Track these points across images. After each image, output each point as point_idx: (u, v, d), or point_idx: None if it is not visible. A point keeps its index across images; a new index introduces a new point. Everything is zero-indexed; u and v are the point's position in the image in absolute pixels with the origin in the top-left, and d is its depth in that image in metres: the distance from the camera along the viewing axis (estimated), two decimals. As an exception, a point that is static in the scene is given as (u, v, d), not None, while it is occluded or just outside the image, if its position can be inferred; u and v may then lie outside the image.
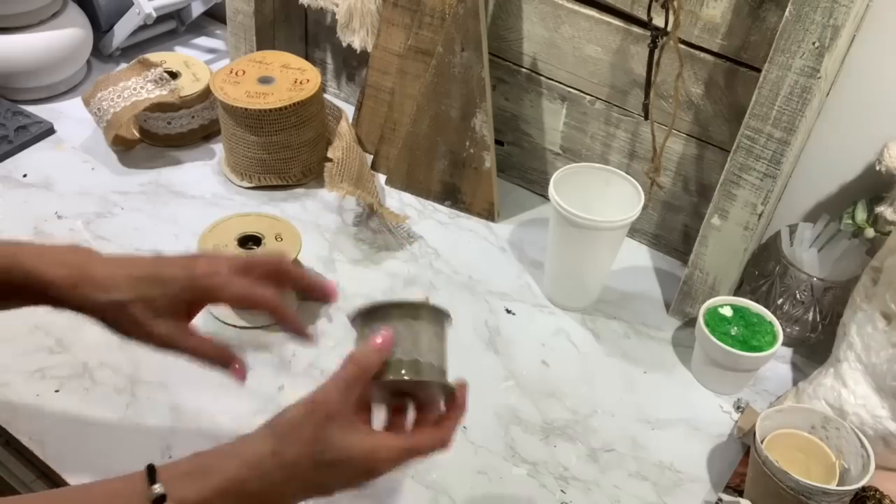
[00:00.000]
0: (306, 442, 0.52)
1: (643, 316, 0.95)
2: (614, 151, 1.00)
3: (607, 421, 0.83)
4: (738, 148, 0.80)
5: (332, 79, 1.23)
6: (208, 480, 0.51)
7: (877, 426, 0.76)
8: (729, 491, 0.77)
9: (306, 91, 1.01)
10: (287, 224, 0.91)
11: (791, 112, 0.76)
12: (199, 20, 1.33)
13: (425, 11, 0.98)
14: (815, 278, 0.87)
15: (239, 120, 1.00)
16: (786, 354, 0.91)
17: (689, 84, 0.90)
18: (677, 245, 1.02)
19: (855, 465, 0.71)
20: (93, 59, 1.23)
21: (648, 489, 0.77)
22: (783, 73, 0.74)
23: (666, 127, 0.90)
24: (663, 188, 0.98)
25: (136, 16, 1.18)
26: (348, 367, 0.53)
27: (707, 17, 0.86)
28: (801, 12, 0.71)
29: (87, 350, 0.83)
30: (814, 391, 0.80)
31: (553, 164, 1.06)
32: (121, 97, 1.04)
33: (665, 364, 0.89)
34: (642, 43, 0.90)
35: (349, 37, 1.09)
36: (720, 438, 0.82)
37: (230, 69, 1.04)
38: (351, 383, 0.53)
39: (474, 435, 0.79)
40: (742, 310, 0.85)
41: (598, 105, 0.98)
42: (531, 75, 1.02)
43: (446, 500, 0.74)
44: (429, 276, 0.95)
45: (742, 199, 0.83)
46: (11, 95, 1.14)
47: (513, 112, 1.06)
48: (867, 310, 0.78)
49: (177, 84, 1.07)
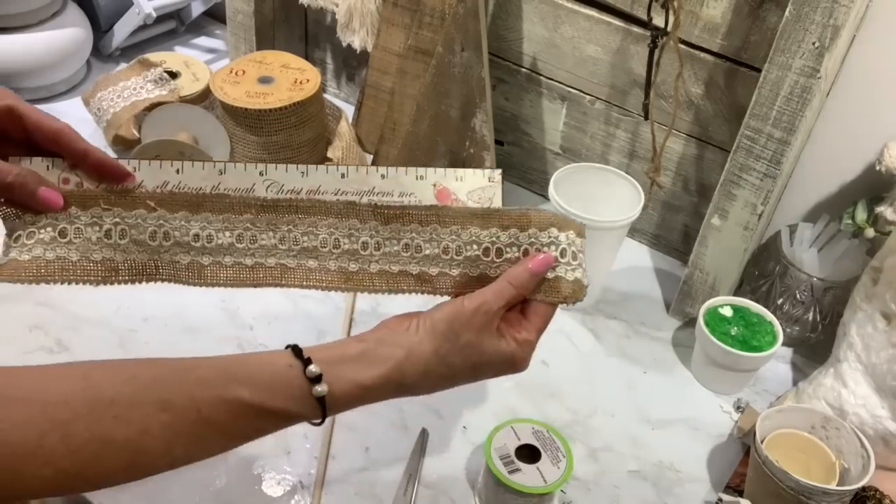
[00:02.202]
0: (464, 346, 0.56)
1: (643, 316, 0.95)
2: (614, 151, 1.01)
3: (607, 421, 0.83)
4: (738, 148, 0.80)
5: (331, 79, 1.23)
6: (373, 369, 0.54)
7: (877, 426, 0.76)
8: (729, 491, 0.76)
9: (306, 91, 1.01)
10: None
11: (791, 112, 0.76)
12: (198, 20, 1.33)
13: (425, 11, 0.98)
14: (815, 278, 0.87)
15: (239, 120, 1.00)
16: (786, 354, 0.91)
17: (689, 84, 0.90)
18: (677, 245, 1.02)
19: (855, 465, 0.71)
20: (93, 59, 1.23)
21: (648, 489, 0.77)
22: (783, 73, 0.74)
23: (666, 127, 0.90)
24: (663, 188, 0.98)
25: (136, 16, 1.18)
26: (508, 289, 0.57)
27: (707, 17, 0.86)
28: (801, 12, 0.71)
29: (87, 350, 0.83)
30: (814, 391, 0.80)
31: (553, 164, 1.06)
32: (121, 97, 1.04)
33: (665, 364, 0.90)
34: (642, 43, 0.90)
35: (349, 37, 1.09)
36: (720, 438, 0.82)
37: (230, 69, 1.04)
38: (506, 303, 0.57)
39: (474, 435, 0.79)
40: (742, 310, 0.85)
41: (598, 105, 0.98)
42: (531, 75, 1.02)
43: (446, 500, 0.74)
44: (429, 276, 0.96)
45: (742, 199, 0.83)
46: (11, 95, 1.14)
47: (513, 112, 1.06)
48: (867, 310, 0.78)
49: (177, 84, 1.07)
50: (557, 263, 0.59)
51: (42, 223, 0.56)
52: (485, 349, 0.57)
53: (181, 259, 0.59)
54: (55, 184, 0.57)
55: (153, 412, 0.48)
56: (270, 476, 0.74)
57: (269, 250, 0.59)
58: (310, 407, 0.53)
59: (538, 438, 0.71)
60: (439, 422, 0.80)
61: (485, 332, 0.56)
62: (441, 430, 0.79)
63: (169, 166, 0.58)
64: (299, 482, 0.73)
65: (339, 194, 0.59)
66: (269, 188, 0.59)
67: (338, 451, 0.76)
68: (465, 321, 0.56)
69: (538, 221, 0.59)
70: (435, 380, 0.57)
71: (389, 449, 0.77)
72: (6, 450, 0.45)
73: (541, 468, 0.69)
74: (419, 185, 0.60)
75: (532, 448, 0.70)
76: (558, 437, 0.71)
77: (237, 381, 0.51)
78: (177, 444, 0.49)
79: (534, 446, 0.70)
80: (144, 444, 0.48)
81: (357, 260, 0.60)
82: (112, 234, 0.58)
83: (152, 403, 0.49)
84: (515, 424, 0.72)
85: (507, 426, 0.72)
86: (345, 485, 0.74)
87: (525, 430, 0.72)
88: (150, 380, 0.50)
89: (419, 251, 0.59)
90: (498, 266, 0.59)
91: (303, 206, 0.59)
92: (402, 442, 0.77)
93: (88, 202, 0.57)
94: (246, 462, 0.75)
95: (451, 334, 0.56)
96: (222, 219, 0.59)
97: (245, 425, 0.52)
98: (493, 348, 0.57)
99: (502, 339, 0.58)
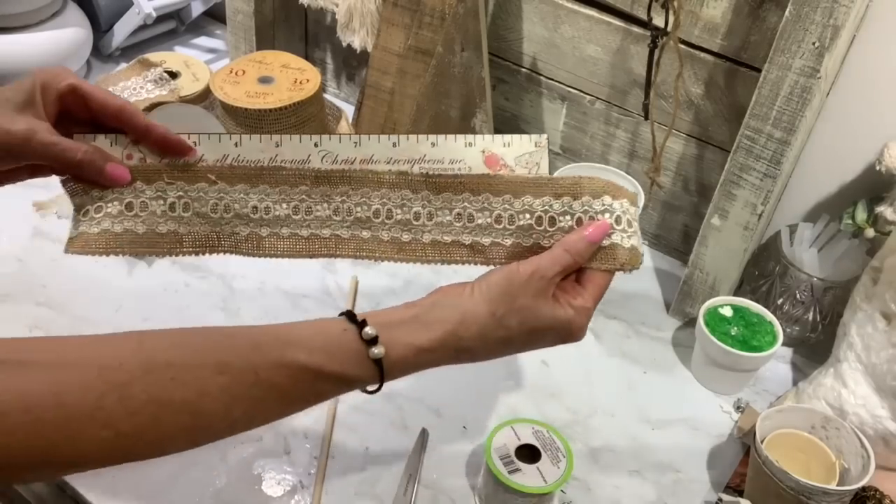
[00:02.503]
0: (520, 310, 0.55)
1: (643, 316, 0.95)
2: (614, 151, 1.01)
3: (607, 421, 0.83)
4: (738, 148, 0.80)
5: (331, 79, 1.23)
6: (429, 332, 0.54)
7: (877, 426, 0.76)
8: (729, 491, 0.76)
9: (306, 91, 1.01)
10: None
11: (791, 112, 0.76)
12: (198, 20, 1.33)
13: (425, 11, 0.98)
14: (815, 278, 0.87)
15: (239, 120, 1.00)
16: (786, 354, 0.91)
17: (689, 84, 0.90)
18: (677, 245, 1.02)
19: (855, 465, 0.71)
20: (93, 59, 1.23)
21: (648, 489, 0.77)
22: (783, 73, 0.74)
23: (666, 127, 0.90)
24: (663, 188, 0.98)
25: (136, 16, 1.18)
26: (564, 256, 0.57)
27: (707, 17, 0.86)
28: (801, 12, 0.71)
29: (86, 350, 0.83)
30: (814, 391, 0.80)
31: (553, 164, 1.06)
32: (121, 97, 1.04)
33: (665, 364, 0.89)
34: (642, 43, 0.90)
35: (349, 37, 1.09)
36: (720, 438, 0.82)
37: (230, 69, 1.04)
38: (562, 270, 0.56)
39: (474, 435, 0.79)
40: (742, 310, 0.85)
41: (598, 105, 0.98)
42: (531, 75, 1.02)
43: (446, 499, 0.74)
44: (429, 276, 0.95)
45: (742, 199, 0.83)
46: (11, 95, 1.14)
47: (513, 112, 1.06)
48: (867, 310, 0.78)
49: (177, 84, 1.07)
50: (613, 231, 0.58)
51: (109, 198, 0.58)
52: (541, 314, 0.56)
53: (241, 231, 0.60)
54: (119, 159, 0.58)
55: (210, 374, 0.48)
56: (270, 476, 0.74)
57: (324, 221, 0.60)
58: (367, 370, 0.52)
59: (538, 438, 0.71)
60: (439, 422, 0.80)
61: (540, 297, 0.56)
62: (441, 430, 0.79)
63: (228, 139, 0.59)
64: (299, 482, 0.73)
65: (391, 163, 0.60)
66: (323, 159, 0.60)
67: (338, 451, 0.76)
68: (521, 284, 0.55)
69: (591, 189, 0.59)
70: (493, 344, 0.56)
71: (389, 449, 0.77)
72: (64, 412, 0.44)
73: (541, 468, 0.69)
74: (468, 152, 0.61)
75: (532, 448, 0.70)
76: (558, 437, 0.71)
77: (293, 345, 0.51)
78: (236, 406, 0.49)
79: (534, 446, 0.70)
80: (203, 406, 0.48)
81: (410, 230, 0.60)
82: (176, 206, 0.59)
83: (209, 366, 0.48)
84: (515, 424, 0.72)
85: (507, 426, 0.72)
86: (345, 485, 0.74)
87: (525, 430, 0.72)
88: (205, 344, 0.50)
89: (471, 220, 0.59)
90: (551, 235, 0.59)
91: (356, 177, 0.59)
92: (402, 442, 0.77)
93: (152, 176, 0.59)
94: (246, 462, 0.75)
95: (506, 297, 0.55)
96: (279, 191, 0.59)
97: (304, 389, 0.51)
98: (549, 314, 0.56)
99: (558, 305, 0.56)
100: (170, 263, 0.92)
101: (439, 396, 0.83)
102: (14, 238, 0.95)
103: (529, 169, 0.61)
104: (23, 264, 0.91)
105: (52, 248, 0.94)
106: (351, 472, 0.75)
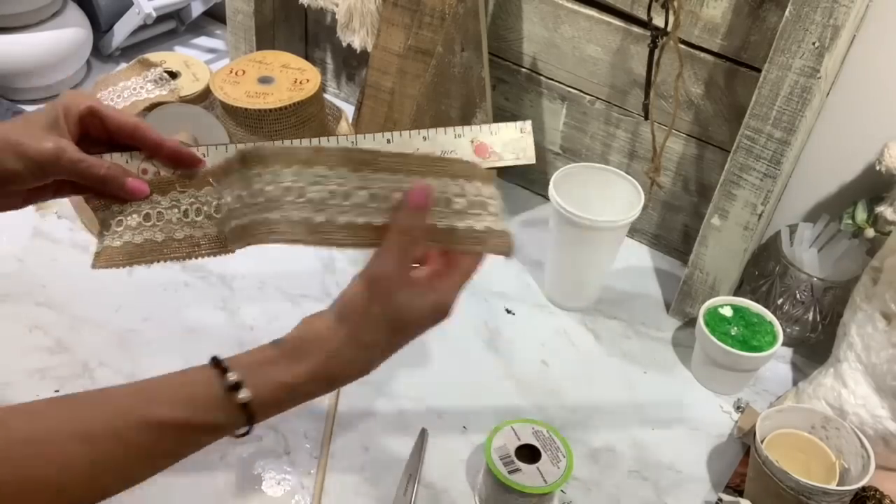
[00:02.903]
0: (377, 320, 0.54)
1: (643, 316, 0.95)
2: (614, 151, 1.01)
3: (607, 421, 0.83)
4: (738, 148, 0.80)
5: (331, 79, 1.23)
6: (297, 367, 0.53)
7: (877, 426, 0.76)
8: (729, 491, 0.76)
9: (306, 91, 1.01)
10: None
11: (791, 112, 0.76)
12: (198, 20, 1.33)
13: (425, 11, 0.98)
14: (815, 278, 0.87)
15: (239, 120, 1.00)
16: (786, 354, 0.91)
17: (689, 84, 0.90)
18: (677, 245, 1.02)
19: (855, 465, 0.71)
20: (93, 59, 1.23)
21: (648, 489, 0.77)
22: (783, 73, 0.74)
23: (666, 127, 0.90)
24: (663, 188, 0.98)
25: (136, 16, 1.18)
26: (396, 238, 0.54)
27: (707, 17, 0.86)
28: (801, 12, 0.71)
29: (87, 350, 0.83)
30: (814, 391, 0.80)
31: (553, 164, 1.06)
32: (121, 97, 1.04)
33: (665, 364, 0.89)
34: (642, 43, 0.90)
35: (349, 37, 1.09)
36: (720, 438, 0.82)
37: (230, 69, 1.04)
38: (402, 254, 0.54)
39: (474, 435, 0.79)
40: (742, 310, 0.85)
41: (598, 105, 0.98)
42: (531, 75, 1.02)
43: (446, 499, 0.74)
44: (429, 276, 0.96)
45: (742, 199, 0.83)
46: (11, 95, 1.14)
47: (513, 112, 1.06)
48: (867, 310, 0.78)
49: (177, 84, 1.07)
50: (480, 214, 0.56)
51: (129, 211, 0.61)
52: (401, 310, 0.54)
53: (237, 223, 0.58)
54: (136, 174, 0.61)
55: (73, 446, 0.48)
56: (270, 476, 0.74)
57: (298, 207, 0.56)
58: (235, 415, 0.52)
59: (538, 438, 0.71)
60: (439, 422, 0.80)
61: (392, 295, 0.54)
62: (441, 430, 0.79)
63: (234, 148, 0.60)
64: (299, 482, 0.73)
65: None
66: None
67: (338, 451, 0.76)
68: (367, 295, 0.53)
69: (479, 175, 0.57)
70: (364, 362, 0.55)
71: (389, 449, 0.77)
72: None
73: (541, 468, 0.69)
74: (459, 143, 0.62)
75: (532, 448, 0.70)
76: (558, 437, 0.71)
77: (156, 402, 0.50)
78: (103, 475, 0.49)
79: (534, 446, 0.70)
80: (68, 479, 0.47)
81: (323, 211, 0.55)
82: (189, 212, 0.61)
83: (70, 438, 0.48)
84: (515, 424, 0.72)
85: (507, 426, 0.72)
86: (345, 485, 0.74)
87: (525, 430, 0.72)
88: (66, 415, 0.49)
89: (386, 201, 0.55)
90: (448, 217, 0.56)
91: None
92: (402, 442, 0.77)
93: (167, 187, 0.61)
94: (246, 462, 0.75)
95: (359, 313, 0.54)
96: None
97: (172, 444, 0.51)
98: (408, 305, 0.54)
99: (418, 292, 0.54)
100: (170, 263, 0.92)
101: (439, 396, 0.83)
102: (14, 238, 0.94)
103: (517, 155, 0.63)
104: (23, 264, 0.91)
105: (52, 248, 0.94)
106: (351, 472, 0.75)
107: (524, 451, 0.70)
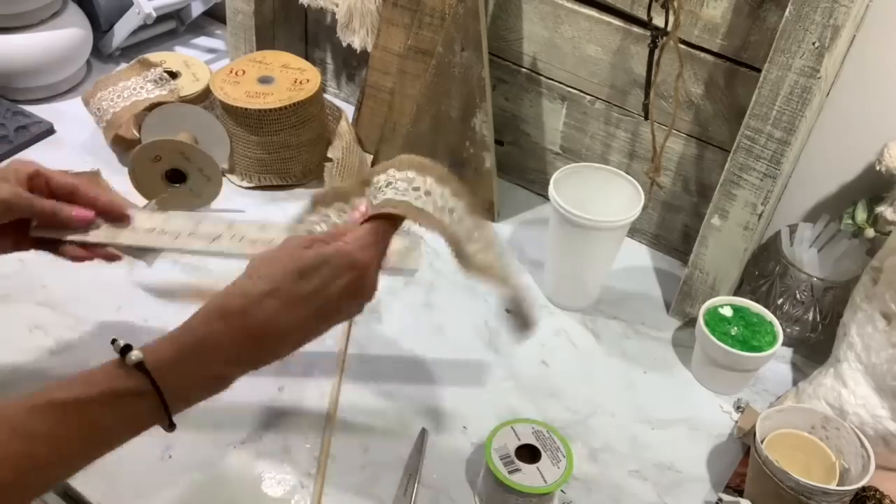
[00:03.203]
0: (273, 258, 0.57)
1: (643, 316, 0.95)
2: (614, 151, 1.01)
3: (607, 421, 0.83)
4: (738, 148, 0.80)
5: (332, 79, 1.23)
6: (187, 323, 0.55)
7: (877, 426, 0.76)
8: (729, 491, 0.77)
9: (306, 91, 1.01)
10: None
11: (791, 112, 0.76)
12: (198, 20, 1.33)
13: (425, 11, 0.98)
14: (815, 278, 0.87)
15: (239, 120, 1.00)
16: (786, 354, 0.91)
17: (689, 84, 0.90)
18: (677, 245, 1.02)
19: (855, 465, 0.71)
20: (93, 59, 1.23)
21: (648, 489, 0.77)
22: (783, 73, 0.74)
23: (666, 127, 0.90)
24: (663, 188, 0.98)
25: (136, 16, 1.18)
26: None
27: (707, 17, 0.86)
28: (801, 12, 0.71)
29: (87, 350, 0.83)
30: (814, 391, 0.81)
31: (553, 164, 1.06)
32: (121, 97, 1.04)
33: (665, 364, 0.90)
34: (642, 43, 0.90)
35: (349, 37, 1.09)
36: (720, 438, 0.82)
37: (230, 69, 1.04)
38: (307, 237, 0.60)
39: (474, 435, 0.79)
40: (742, 310, 0.85)
41: (598, 105, 0.98)
42: (531, 75, 1.02)
43: (446, 499, 0.74)
44: (429, 276, 0.95)
45: (742, 199, 0.83)
46: (11, 95, 1.14)
47: (513, 112, 1.06)
48: (867, 310, 0.78)
49: (177, 84, 1.07)
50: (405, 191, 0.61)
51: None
52: (303, 254, 0.57)
53: None
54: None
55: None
56: (270, 476, 0.74)
57: None
58: (134, 378, 0.52)
59: (538, 438, 0.71)
60: (439, 422, 0.80)
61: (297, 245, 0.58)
62: (441, 430, 0.79)
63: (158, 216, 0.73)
64: (299, 482, 0.73)
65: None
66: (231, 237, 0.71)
67: (338, 451, 0.76)
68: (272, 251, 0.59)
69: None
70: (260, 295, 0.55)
71: (389, 449, 0.77)
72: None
73: (541, 468, 0.69)
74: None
75: (532, 448, 0.70)
76: (558, 437, 0.71)
77: (53, 389, 0.51)
78: (3, 468, 0.48)
79: (534, 446, 0.70)
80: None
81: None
82: None
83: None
84: (515, 424, 0.72)
85: (507, 426, 0.72)
86: (345, 485, 0.74)
87: (525, 430, 0.72)
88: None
89: None
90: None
91: None
92: (402, 442, 0.77)
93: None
94: (246, 462, 0.75)
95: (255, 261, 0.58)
96: None
97: (75, 425, 0.51)
98: (312, 253, 0.57)
99: (323, 244, 0.58)
100: (170, 264, 0.92)
101: (439, 396, 0.83)
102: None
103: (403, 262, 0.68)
104: (23, 264, 0.91)
105: (52, 248, 0.94)
106: (351, 472, 0.75)
107: (524, 451, 0.70)
